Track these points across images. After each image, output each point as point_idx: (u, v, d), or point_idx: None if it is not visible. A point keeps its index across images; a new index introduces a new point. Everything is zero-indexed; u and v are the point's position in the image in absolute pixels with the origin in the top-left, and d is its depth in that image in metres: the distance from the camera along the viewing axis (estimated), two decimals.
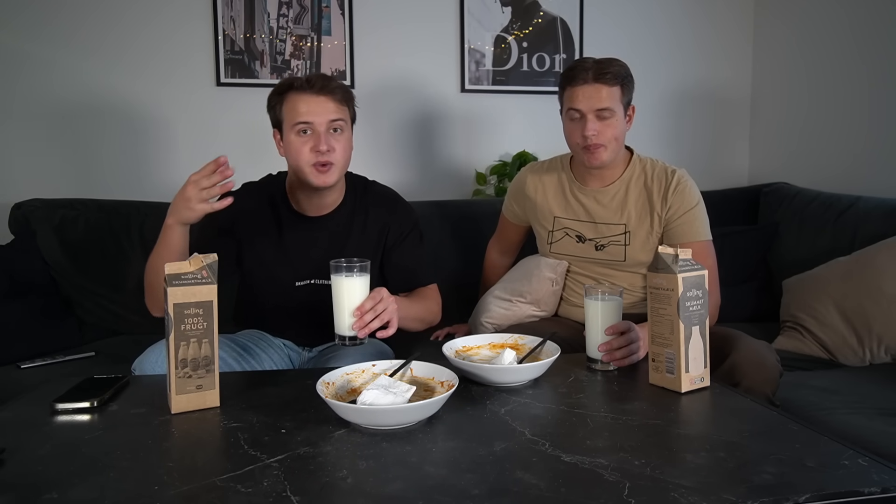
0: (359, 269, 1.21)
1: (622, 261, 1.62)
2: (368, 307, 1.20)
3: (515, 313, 1.72)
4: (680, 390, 1.06)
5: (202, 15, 2.33)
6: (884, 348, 1.67)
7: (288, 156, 1.45)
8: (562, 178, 1.70)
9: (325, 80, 1.42)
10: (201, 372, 1.01)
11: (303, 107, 1.40)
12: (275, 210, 1.53)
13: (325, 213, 1.52)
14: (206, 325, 1.01)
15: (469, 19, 2.50)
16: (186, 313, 1.00)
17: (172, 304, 0.99)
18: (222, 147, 2.36)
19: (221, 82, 2.35)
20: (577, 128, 1.54)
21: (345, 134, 1.44)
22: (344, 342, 1.22)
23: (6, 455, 0.84)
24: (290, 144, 1.42)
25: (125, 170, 2.33)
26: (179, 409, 1.00)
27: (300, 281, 1.51)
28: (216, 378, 1.03)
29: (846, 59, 2.28)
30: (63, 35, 2.23)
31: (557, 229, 1.70)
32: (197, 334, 1.01)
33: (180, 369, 1.00)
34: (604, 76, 1.50)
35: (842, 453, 0.82)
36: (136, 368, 1.26)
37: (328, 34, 2.41)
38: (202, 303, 1.01)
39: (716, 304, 1.52)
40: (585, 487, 0.74)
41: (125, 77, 2.29)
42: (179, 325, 0.99)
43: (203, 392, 1.01)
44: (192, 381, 1.01)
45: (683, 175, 1.60)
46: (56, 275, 2.03)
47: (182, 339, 1.00)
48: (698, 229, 1.57)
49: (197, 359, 1.01)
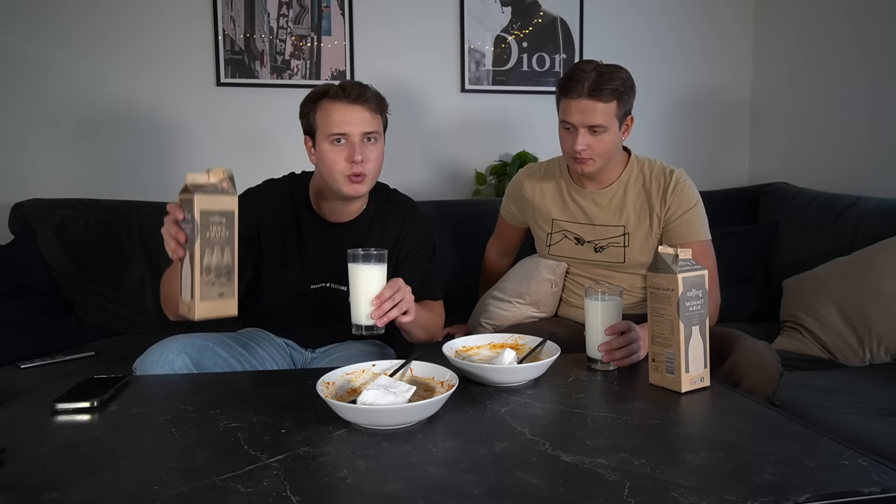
0: (377, 258, 1.21)
1: (622, 262, 1.62)
2: (388, 295, 1.20)
3: (515, 314, 1.72)
4: (680, 390, 1.06)
5: (202, 15, 2.33)
6: (884, 348, 1.67)
7: (321, 164, 1.43)
8: (559, 181, 1.69)
9: (361, 88, 1.41)
10: (223, 280, 1.03)
11: (338, 116, 1.38)
12: (296, 212, 1.52)
13: (347, 219, 1.52)
14: (229, 234, 1.03)
15: (469, 19, 2.50)
16: (212, 220, 1.02)
17: (199, 211, 1.00)
18: (222, 147, 2.37)
19: (221, 82, 2.35)
20: (568, 138, 1.53)
21: (378, 144, 1.43)
22: (361, 331, 1.22)
23: (6, 455, 0.84)
24: (323, 153, 1.41)
25: (125, 170, 2.33)
26: (203, 316, 1.01)
27: (315, 284, 1.51)
28: (235, 287, 1.04)
29: (846, 59, 2.28)
30: (63, 35, 2.23)
31: (556, 231, 1.69)
32: (220, 242, 1.03)
33: (205, 275, 1.01)
34: (599, 92, 1.45)
35: (842, 453, 0.82)
36: (138, 368, 1.26)
37: (328, 34, 2.41)
38: (225, 212, 1.03)
39: (716, 304, 1.52)
40: (585, 487, 0.74)
41: (125, 77, 2.29)
42: (205, 232, 1.01)
43: (224, 300, 1.03)
44: (215, 289, 1.02)
45: (682, 175, 1.58)
46: (56, 275, 2.03)
47: (207, 245, 1.01)
48: (697, 229, 1.56)
49: (220, 266, 1.03)
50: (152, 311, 2.04)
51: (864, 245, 1.82)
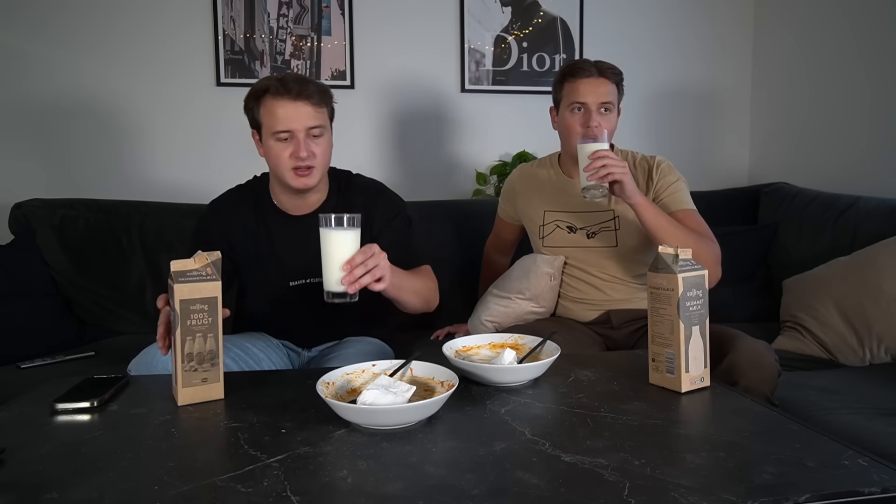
0: (349, 222, 1.16)
1: (614, 246, 1.66)
2: (359, 261, 1.15)
3: (514, 310, 1.73)
4: (680, 390, 1.06)
5: (202, 15, 2.33)
6: (884, 348, 1.67)
7: (268, 158, 1.46)
8: (550, 174, 1.77)
9: (302, 83, 1.40)
10: (206, 366, 1.03)
11: (281, 113, 1.39)
12: (261, 212, 1.55)
13: (309, 211, 1.53)
14: (211, 320, 1.03)
15: (469, 19, 2.50)
16: (192, 309, 1.01)
17: (179, 301, 1.00)
18: (222, 147, 2.37)
19: (221, 82, 2.36)
20: (578, 118, 1.60)
21: (324, 136, 1.45)
22: (332, 299, 1.18)
23: (6, 455, 0.84)
24: (269, 149, 1.43)
25: (125, 170, 2.33)
26: (185, 402, 1.02)
27: (294, 281, 1.52)
28: (220, 371, 1.05)
29: (846, 59, 2.28)
30: (63, 35, 2.23)
31: (548, 222, 1.74)
32: (202, 329, 1.03)
33: (186, 363, 1.02)
34: (605, 72, 1.60)
35: (842, 453, 0.82)
36: (132, 369, 1.26)
37: (328, 34, 2.41)
38: (207, 299, 1.03)
39: (716, 255, 1.54)
40: (585, 487, 0.74)
41: (125, 77, 2.29)
42: (186, 321, 1.01)
43: (208, 385, 1.04)
44: (197, 375, 1.03)
45: (663, 159, 1.69)
46: (56, 275, 2.03)
47: (188, 333, 1.02)
48: (685, 199, 1.63)
49: (202, 353, 1.03)
50: (152, 312, 2.03)
51: (864, 245, 1.82)
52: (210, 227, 1.56)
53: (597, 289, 1.69)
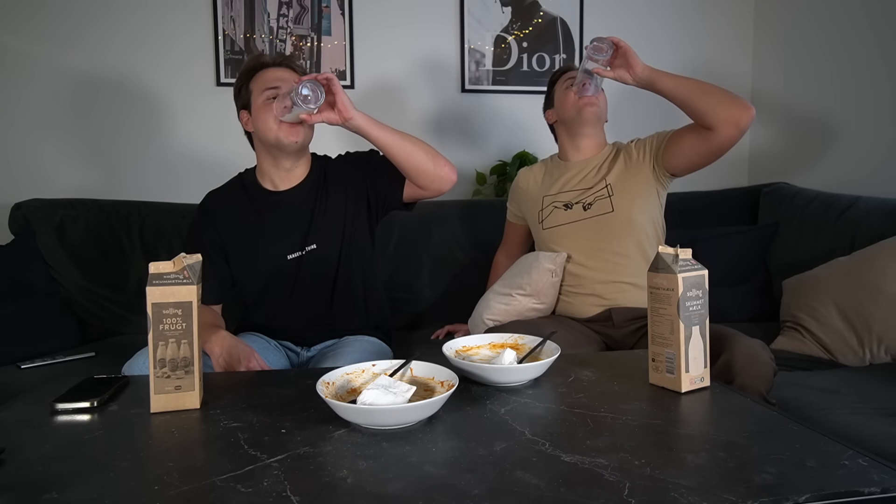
0: None
1: (610, 211, 1.70)
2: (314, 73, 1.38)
3: (515, 307, 1.73)
4: (680, 390, 1.06)
5: (202, 15, 2.33)
6: (884, 348, 1.67)
7: (257, 122, 1.52)
8: (548, 165, 1.89)
9: (285, 57, 1.58)
10: (180, 373, 1.00)
11: (270, 75, 1.52)
12: (248, 195, 1.60)
13: (295, 184, 1.58)
14: (186, 325, 1.00)
15: (469, 19, 2.50)
16: (165, 313, 0.99)
17: (150, 304, 0.98)
18: (222, 147, 2.37)
19: (221, 82, 2.36)
20: (570, 90, 1.75)
21: None
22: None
23: (6, 455, 0.84)
24: (258, 111, 1.50)
25: (125, 170, 2.33)
26: (157, 409, 0.99)
27: (292, 253, 1.55)
28: (196, 380, 1.01)
29: (846, 59, 2.28)
30: (64, 35, 2.23)
31: (546, 206, 1.80)
32: (175, 335, 0.99)
33: (158, 369, 0.99)
34: None
35: (842, 453, 0.82)
36: (126, 371, 1.27)
37: (328, 34, 2.41)
38: (181, 303, 0.99)
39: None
40: (585, 487, 0.74)
41: (125, 77, 2.29)
42: (158, 325, 0.99)
43: (182, 393, 1.00)
44: (170, 382, 0.99)
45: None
46: (56, 275, 2.03)
47: (160, 338, 0.99)
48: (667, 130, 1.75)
49: (175, 359, 1.00)
50: None
51: (864, 245, 1.82)
52: (201, 229, 1.60)
53: (597, 272, 1.69)
